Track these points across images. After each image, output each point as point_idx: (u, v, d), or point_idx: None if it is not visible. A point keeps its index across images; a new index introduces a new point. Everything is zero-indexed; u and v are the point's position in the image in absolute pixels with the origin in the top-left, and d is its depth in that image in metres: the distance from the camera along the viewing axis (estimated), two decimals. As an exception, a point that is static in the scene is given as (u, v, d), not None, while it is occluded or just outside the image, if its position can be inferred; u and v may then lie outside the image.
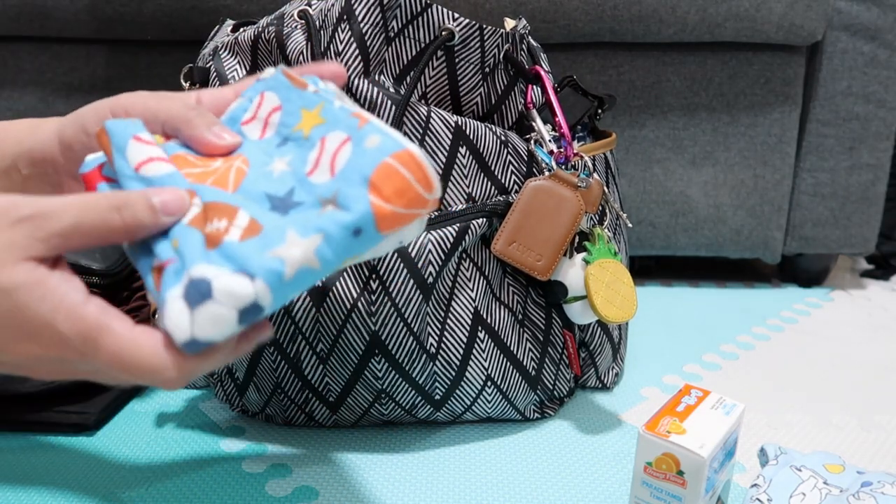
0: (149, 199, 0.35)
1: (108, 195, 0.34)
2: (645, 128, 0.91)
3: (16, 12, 0.83)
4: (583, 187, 0.58)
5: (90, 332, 0.32)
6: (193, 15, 0.82)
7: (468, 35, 0.56)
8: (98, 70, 0.89)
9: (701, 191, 0.94)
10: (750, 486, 0.51)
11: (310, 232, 0.34)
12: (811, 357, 0.79)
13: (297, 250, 0.33)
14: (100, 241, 0.34)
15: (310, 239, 0.34)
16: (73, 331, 0.32)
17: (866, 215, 0.95)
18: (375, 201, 0.34)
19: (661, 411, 0.49)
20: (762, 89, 0.90)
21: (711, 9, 0.83)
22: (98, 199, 0.34)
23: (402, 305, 0.54)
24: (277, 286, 0.33)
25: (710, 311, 0.92)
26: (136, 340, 0.33)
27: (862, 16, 0.87)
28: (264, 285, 0.33)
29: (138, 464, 0.57)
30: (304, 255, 0.33)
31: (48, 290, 0.32)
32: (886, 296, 0.99)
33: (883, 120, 0.91)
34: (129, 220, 0.34)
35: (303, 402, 0.59)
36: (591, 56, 0.88)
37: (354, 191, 0.35)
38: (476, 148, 0.57)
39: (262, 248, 0.33)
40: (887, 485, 0.48)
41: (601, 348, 0.67)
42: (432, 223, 0.55)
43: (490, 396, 0.60)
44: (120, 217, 0.34)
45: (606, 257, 0.60)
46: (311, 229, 0.34)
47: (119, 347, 0.33)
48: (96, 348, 0.32)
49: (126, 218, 0.34)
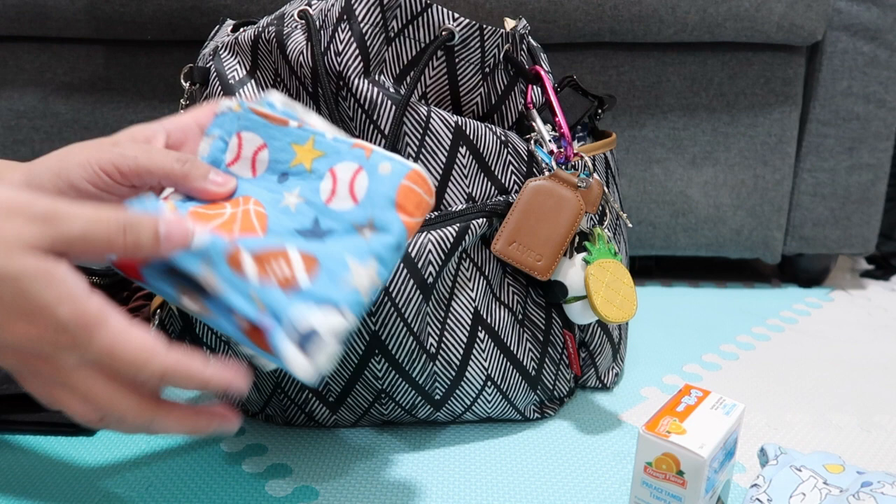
0: (156, 227, 0.37)
1: (121, 215, 0.36)
2: (645, 128, 0.91)
3: (16, 12, 0.83)
4: (583, 187, 0.58)
5: (88, 321, 0.34)
6: (193, 15, 0.82)
7: (468, 35, 0.56)
8: (98, 70, 0.89)
9: (701, 191, 0.94)
10: (750, 486, 0.51)
11: (366, 258, 0.40)
12: (811, 357, 0.79)
13: (365, 278, 0.39)
14: (101, 254, 0.36)
15: (369, 265, 0.40)
16: (72, 318, 0.34)
17: (866, 215, 0.95)
18: (405, 219, 0.41)
19: (661, 411, 0.49)
20: (762, 89, 0.90)
21: (711, 9, 0.83)
22: (109, 215, 0.36)
23: (402, 305, 0.54)
24: (359, 310, 0.39)
25: (710, 311, 0.92)
26: (129, 334, 0.35)
27: (862, 16, 0.87)
28: (351, 314, 0.39)
29: (138, 464, 0.57)
30: (370, 280, 0.40)
31: (54, 279, 0.33)
32: (886, 296, 0.99)
33: (883, 120, 0.91)
34: (130, 243, 0.36)
35: (303, 402, 0.59)
36: (591, 56, 0.88)
37: (387, 215, 0.41)
38: (476, 148, 0.57)
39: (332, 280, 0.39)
40: (887, 485, 0.48)
41: (601, 348, 0.67)
42: (432, 223, 0.55)
43: (490, 396, 0.60)
44: (123, 238, 0.36)
45: (606, 257, 0.60)
46: (365, 255, 0.40)
47: (113, 339, 0.35)
48: (91, 338, 0.34)
49: (129, 240, 0.36)
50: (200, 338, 0.59)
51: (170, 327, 0.63)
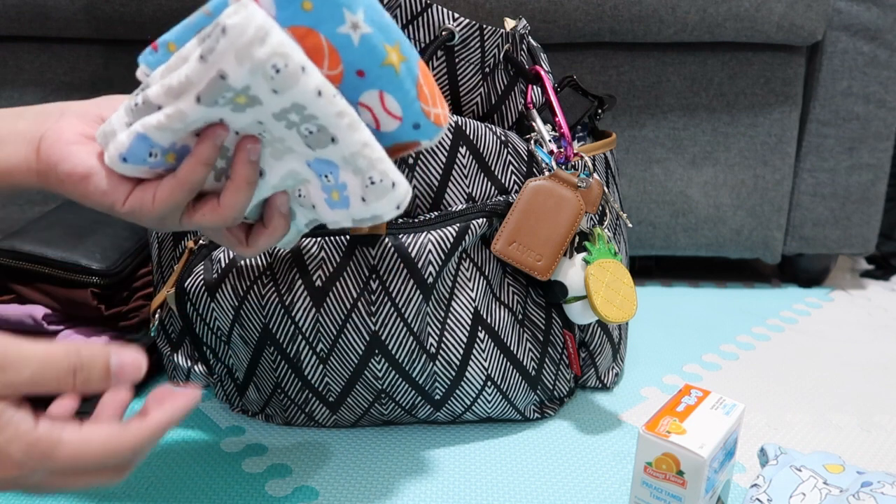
0: (107, 364, 0.37)
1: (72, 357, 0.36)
2: (645, 128, 0.91)
3: (16, 12, 0.83)
4: (583, 187, 0.58)
5: (43, 450, 0.35)
6: (193, 15, 0.82)
7: (468, 35, 0.56)
8: (98, 70, 0.89)
9: (701, 191, 0.94)
10: (750, 486, 0.51)
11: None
12: (811, 357, 0.79)
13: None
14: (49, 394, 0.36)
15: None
16: (27, 453, 0.35)
17: (866, 215, 0.95)
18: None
19: (661, 411, 0.49)
20: (762, 89, 0.90)
21: (711, 9, 0.83)
22: (60, 360, 0.35)
23: (402, 305, 0.54)
24: None
25: (710, 311, 0.92)
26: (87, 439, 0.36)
27: (862, 16, 0.87)
28: None
29: (138, 464, 0.57)
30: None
31: (2, 424, 0.34)
32: (886, 296, 0.99)
33: (883, 120, 0.91)
34: (80, 383, 0.36)
35: (303, 402, 0.59)
36: (591, 56, 0.88)
37: None
38: (476, 148, 0.57)
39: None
40: (887, 485, 0.48)
41: (601, 348, 0.67)
42: (432, 223, 0.55)
43: (490, 396, 0.60)
44: (73, 380, 0.36)
45: (606, 257, 0.60)
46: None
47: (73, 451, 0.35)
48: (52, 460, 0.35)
49: (79, 382, 0.36)
50: (200, 338, 0.59)
51: (169, 327, 0.63)
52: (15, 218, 0.94)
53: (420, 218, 0.56)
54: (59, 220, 0.69)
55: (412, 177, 0.55)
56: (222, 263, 0.55)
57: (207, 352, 0.60)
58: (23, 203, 0.94)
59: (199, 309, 0.57)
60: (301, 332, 0.55)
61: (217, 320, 0.57)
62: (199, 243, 0.57)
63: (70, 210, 0.72)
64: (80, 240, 0.65)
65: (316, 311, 0.54)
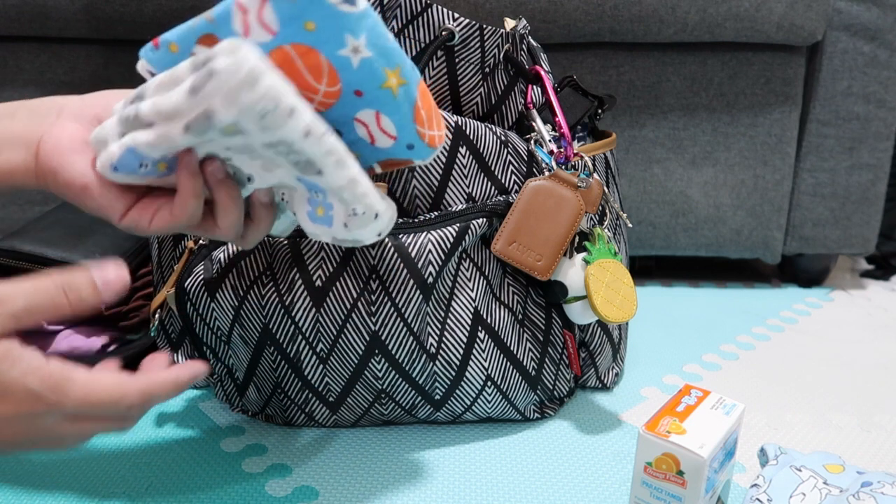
0: (91, 278, 0.38)
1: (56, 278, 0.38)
2: (645, 128, 0.91)
3: (16, 12, 0.83)
4: (583, 187, 0.58)
5: (57, 382, 0.37)
6: (193, 15, 0.82)
7: (468, 35, 0.56)
8: (98, 70, 0.89)
9: (701, 191, 0.94)
10: (750, 486, 0.51)
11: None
12: (811, 357, 0.79)
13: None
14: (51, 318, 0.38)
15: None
16: (42, 385, 0.36)
17: (866, 215, 0.95)
18: None
19: (661, 411, 0.49)
20: (762, 89, 0.90)
21: (711, 9, 0.83)
22: (45, 282, 0.37)
23: (402, 305, 0.54)
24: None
25: (710, 311, 0.92)
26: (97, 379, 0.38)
27: (862, 16, 0.87)
28: None
29: (138, 464, 0.57)
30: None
31: (15, 357, 0.36)
32: (886, 296, 0.99)
33: (883, 120, 0.91)
34: (74, 300, 0.38)
35: (303, 402, 0.59)
36: (591, 56, 0.88)
37: None
38: (476, 148, 0.57)
39: None
40: (887, 485, 0.48)
41: (601, 348, 0.67)
42: (432, 223, 0.55)
43: (490, 396, 0.60)
44: (66, 299, 0.38)
45: (606, 257, 0.60)
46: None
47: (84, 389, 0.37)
48: (65, 395, 0.37)
49: (72, 299, 0.38)
50: (200, 338, 0.59)
51: (169, 327, 0.63)
52: (15, 218, 0.94)
53: (420, 218, 0.56)
54: (59, 220, 0.69)
55: (412, 177, 0.55)
56: (222, 263, 0.55)
57: (207, 352, 0.60)
58: (23, 203, 0.94)
59: (198, 309, 0.57)
60: (301, 332, 0.55)
61: (217, 320, 0.57)
62: (199, 243, 0.57)
63: (70, 210, 0.72)
64: (80, 240, 0.65)
65: (316, 311, 0.54)
